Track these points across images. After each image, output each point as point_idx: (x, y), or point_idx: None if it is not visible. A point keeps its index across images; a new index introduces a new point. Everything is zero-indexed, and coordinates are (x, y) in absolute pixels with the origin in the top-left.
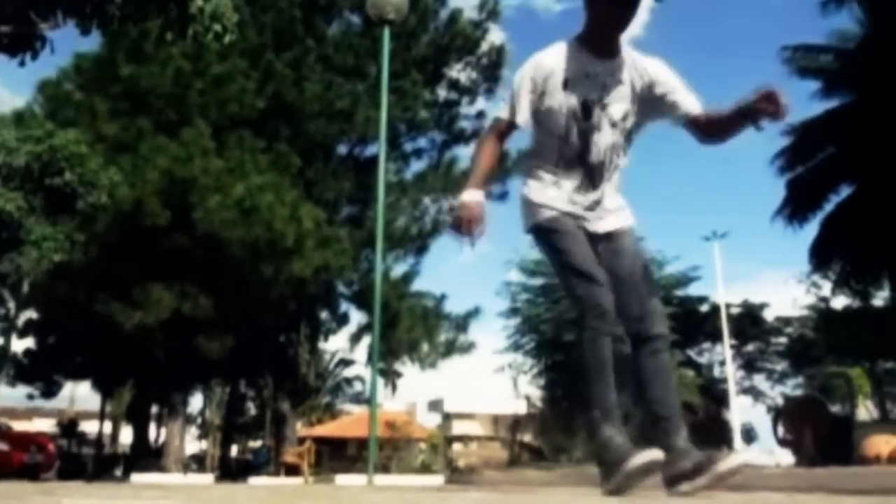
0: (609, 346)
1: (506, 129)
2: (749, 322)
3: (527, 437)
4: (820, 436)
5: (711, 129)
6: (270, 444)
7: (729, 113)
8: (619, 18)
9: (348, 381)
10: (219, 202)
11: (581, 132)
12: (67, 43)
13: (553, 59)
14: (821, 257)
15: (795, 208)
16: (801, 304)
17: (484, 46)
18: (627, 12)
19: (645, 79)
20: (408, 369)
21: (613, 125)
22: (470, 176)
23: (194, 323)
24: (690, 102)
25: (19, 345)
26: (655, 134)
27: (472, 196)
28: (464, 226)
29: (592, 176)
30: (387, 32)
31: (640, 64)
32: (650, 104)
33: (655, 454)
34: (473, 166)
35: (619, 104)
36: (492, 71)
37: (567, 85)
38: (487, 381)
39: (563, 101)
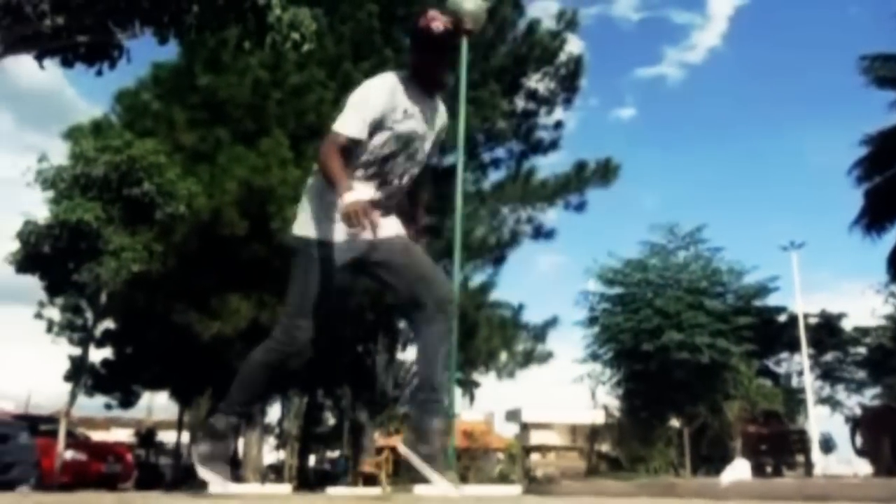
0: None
1: (349, 146)
2: (827, 332)
3: (605, 447)
4: None
5: (416, 186)
6: (348, 454)
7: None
8: (434, 64)
9: None
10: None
11: (397, 157)
12: (144, 52)
13: (398, 88)
14: None
15: (873, 218)
16: (879, 314)
17: (562, 56)
18: (438, 60)
19: (443, 123)
20: (486, 379)
21: (424, 157)
22: (339, 182)
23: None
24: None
25: (97, 355)
26: (735, 146)
27: (355, 195)
28: (360, 218)
29: (390, 196)
30: (465, 43)
31: (443, 110)
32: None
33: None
34: (337, 174)
35: (431, 139)
36: (570, 81)
37: (405, 113)
38: (565, 390)
39: (396, 125)
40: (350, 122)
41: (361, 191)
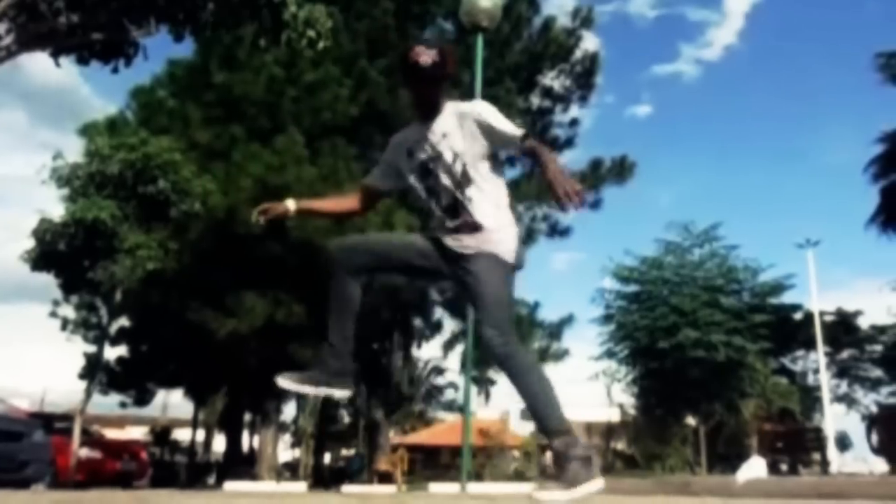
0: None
1: (368, 192)
2: (843, 330)
3: (620, 445)
4: None
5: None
6: (363, 452)
7: (544, 166)
8: (424, 95)
9: (441, 389)
10: None
11: (427, 187)
12: (160, 50)
13: (400, 136)
14: None
15: (889, 216)
16: (895, 312)
17: (577, 54)
18: (427, 91)
19: (471, 119)
20: (501, 377)
21: (448, 171)
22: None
23: (287, 330)
24: (512, 130)
25: (112, 353)
26: (751, 144)
27: (289, 201)
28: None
29: (448, 215)
30: (480, 40)
31: (463, 109)
32: (484, 136)
33: None
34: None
35: (447, 152)
36: (585, 78)
37: (409, 153)
38: (581, 388)
39: (408, 166)
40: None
41: (433, 222)
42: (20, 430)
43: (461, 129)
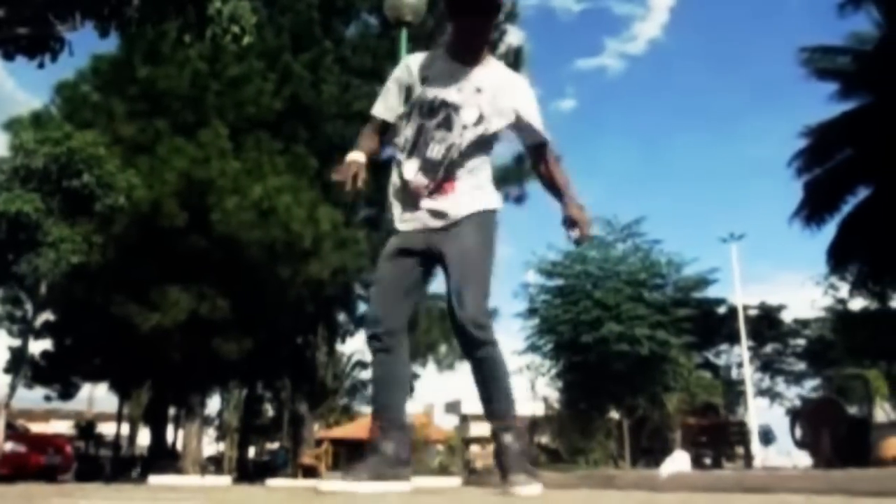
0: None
1: (380, 125)
2: (766, 324)
3: (544, 439)
4: (837, 437)
5: (543, 176)
6: (288, 446)
7: (560, 189)
8: (474, 29)
9: (366, 383)
10: (236, 204)
11: (426, 127)
12: (85, 45)
13: (419, 59)
14: (838, 259)
15: (813, 210)
16: (818, 306)
17: (502, 48)
18: (480, 23)
19: (511, 97)
20: (425, 371)
21: (464, 127)
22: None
23: (212, 325)
24: (537, 132)
25: (37, 346)
26: (675, 138)
27: (353, 155)
28: (346, 177)
29: (431, 170)
30: (404, 34)
31: (512, 81)
32: (505, 116)
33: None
34: (356, 143)
35: (471, 109)
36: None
37: (425, 81)
38: None
39: (419, 96)
40: (377, 101)
41: (406, 168)
42: None
43: (496, 98)
